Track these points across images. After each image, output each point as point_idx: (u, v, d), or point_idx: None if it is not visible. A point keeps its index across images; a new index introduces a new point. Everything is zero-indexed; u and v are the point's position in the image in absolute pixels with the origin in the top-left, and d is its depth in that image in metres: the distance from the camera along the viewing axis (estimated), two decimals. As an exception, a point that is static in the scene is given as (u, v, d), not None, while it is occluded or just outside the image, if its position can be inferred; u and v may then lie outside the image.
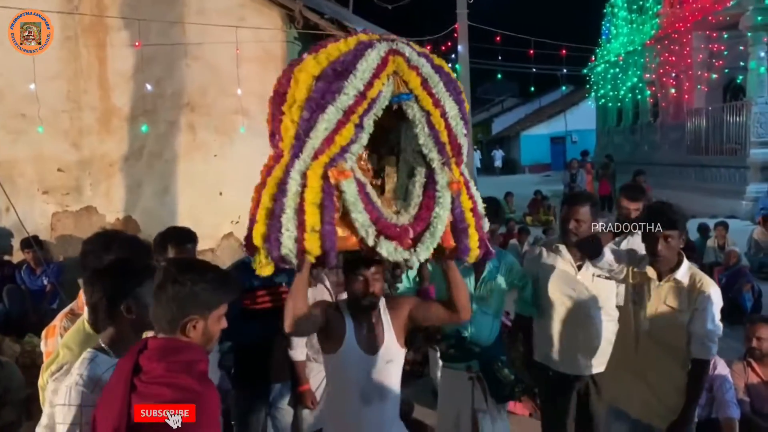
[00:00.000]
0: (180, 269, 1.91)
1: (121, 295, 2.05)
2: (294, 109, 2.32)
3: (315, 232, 2.29)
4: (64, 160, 6.59)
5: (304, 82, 2.31)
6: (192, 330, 1.88)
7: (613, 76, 22.15)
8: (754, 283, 7.63)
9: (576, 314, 3.53)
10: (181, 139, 6.65)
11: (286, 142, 2.36)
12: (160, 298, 1.87)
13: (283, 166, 2.34)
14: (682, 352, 3.04)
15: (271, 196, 2.31)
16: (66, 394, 1.95)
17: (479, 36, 14.25)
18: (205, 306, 1.90)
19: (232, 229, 6.61)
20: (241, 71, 6.37)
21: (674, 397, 3.05)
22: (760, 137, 14.51)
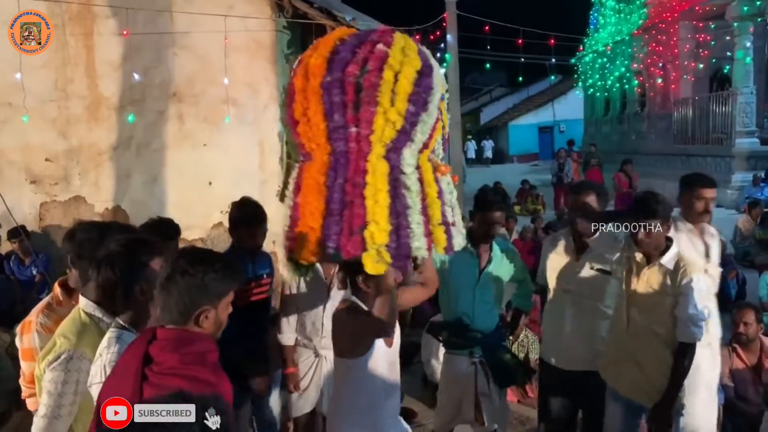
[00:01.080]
0: (189, 260, 1.93)
1: (133, 279, 2.09)
2: (399, 102, 2.28)
3: (440, 225, 2.34)
4: (51, 150, 6.55)
5: (410, 76, 2.30)
6: (205, 320, 1.91)
7: (601, 66, 22.22)
8: (738, 270, 7.74)
9: (574, 307, 3.53)
10: (170, 128, 6.62)
11: (384, 135, 2.30)
12: (170, 290, 1.89)
13: (384, 160, 2.30)
14: (669, 335, 3.11)
15: (388, 193, 2.27)
16: (101, 373, 2.00)
17: (468, 25, 14.24)
18: (215, 295, 1.93)
19: (221, 218, 6.59)
20: (230, 60, 6.34)
21: (661, 378, 3.12)
22: (745, 127, 14.65)
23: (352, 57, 2.32)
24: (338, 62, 2.32)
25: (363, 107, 2.29)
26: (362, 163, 2.30)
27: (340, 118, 2.30)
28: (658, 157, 18.05)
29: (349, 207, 2.27)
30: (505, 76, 41.58)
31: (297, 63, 2.50)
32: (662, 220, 3.07)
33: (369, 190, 2.26)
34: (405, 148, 2.34)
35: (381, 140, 2.31)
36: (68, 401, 2.18)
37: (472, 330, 3.58)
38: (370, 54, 2.33)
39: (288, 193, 2.46)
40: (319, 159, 2.36)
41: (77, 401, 2.20)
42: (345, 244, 2.27)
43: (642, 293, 3.19)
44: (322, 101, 2.31)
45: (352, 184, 2.29)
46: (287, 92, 2.43)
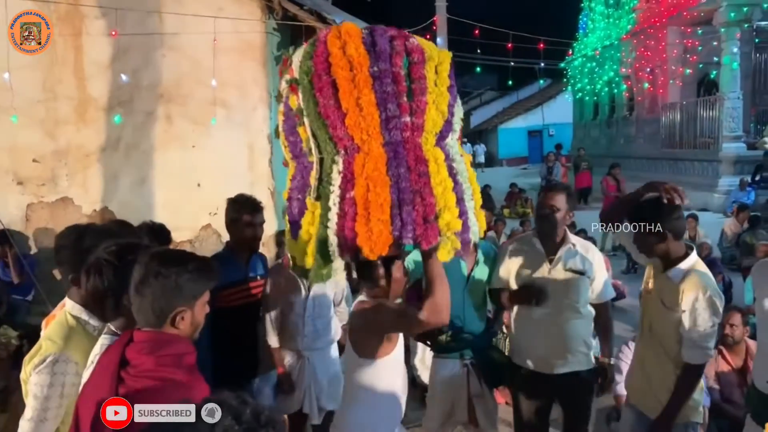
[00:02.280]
0: (162, 262, 1.88)
1: (123, 287, 2.02)
2: (443, 92, 2.40)
3: (480, 210, 2.46)
4: (39, 151, 6.51)
5: (447, 68, 2.43)
6: (181, 321, 1.88)
7: (590, 70, 22.37)
8: (724, 274, 7.80)
9: (546, 310, 3.41)
10: (158, 129, 6.60)
11: (435, 126, 2.38)
12: (143, 293, 1.86)
13: (436, 148, 2.38)
14: (674, 351, 2.95)
15: (448, 178, 2.33)
16: None
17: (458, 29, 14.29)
18: (190, 296, 1.90)
19: (210, 220, 6.58)
20: (219, 62, 6.33)
21: (665, 393, 2.97)
22: (732, 131, 14.78)
23: (392, 49, 2.33)
24: (382, 53, 2.30)
25: (416, 97, 2.31)
26: (420, 152, 2.32)
27: (395, 108, 2.29)
28: (646, 161, 18.17)
29: (418, 196, 2.27)
30: (495, 80, 41.69)
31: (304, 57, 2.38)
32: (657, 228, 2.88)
33: (435, 178, 2.28)
34: (449, 136, 2.45)
35: (432, 130, 2.37)
36: (54, 404, 2.16)
37: (464, 332, 3.58)
38: (406, 46, 2.35)
39: (332, 188, 2.34)
40: (375, 150, 2.30)
41: (63, 404, 2.18)
42: (424, 234, 2.25)
43: (652, 303, 3.07)
44: (374, 90, 2.27)
45: (417, 173, 2.29)
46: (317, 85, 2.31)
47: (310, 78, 2.33)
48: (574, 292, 3.40)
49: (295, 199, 2.57)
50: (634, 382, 3.24)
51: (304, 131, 2.44)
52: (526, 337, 3.50)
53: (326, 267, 2.42)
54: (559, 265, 3.40)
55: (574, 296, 3.41)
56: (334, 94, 2.29)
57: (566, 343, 3.41)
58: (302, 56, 2.39)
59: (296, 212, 2.55)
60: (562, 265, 3.40)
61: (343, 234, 2.29)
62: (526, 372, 3.52)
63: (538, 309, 3.42)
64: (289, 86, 2.44)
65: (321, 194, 2.38)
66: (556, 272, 3.40)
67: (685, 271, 2.92)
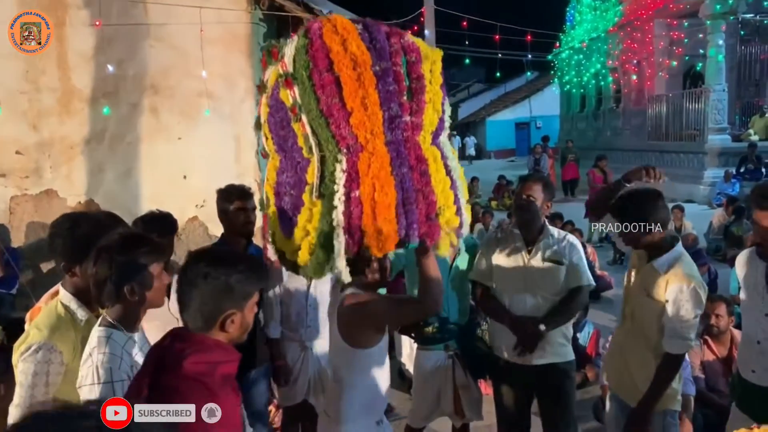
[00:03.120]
0: (210, 263, 1.81)
1: (126, 278, 2.01)
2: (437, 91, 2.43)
3: (468, 203, 2.52)
4: (22, 143, 6.42)
5: (440, 66, 2.47)
6: (231, 325, 1.81)
7: (577, 63, 22.43)
8: (710, 265, 7.87)
9: (522, 299, 3.40)
10: (144, 121, 6.53)
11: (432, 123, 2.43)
12: (191, 296, 1.79)
13: (432, 146, 2.44)
14: (655, 340, 2.98)
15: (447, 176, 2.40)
16: (93, 374, 1.95)
17: (446, 21, 14.26)
18: (241, 297, 1.82)
19: (196, 212, 6.53)
20: (206, 53, 6.27)
21: (645, 382, 2.99)
22: (717, 123, 14.89)
23: (389, 47, 2.33)
24: (383, 51, 2.30)
25: (416, 96, 2.33)
26: (419, 151, 2.37)
27: (397, 108, 2.30)
28: (633, 153, 18.27)
29: (421, 195, 2.32)
30: (482, 72, 41.77)
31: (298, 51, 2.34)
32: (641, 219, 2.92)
33: (435, 177, 2.35)
34: (442, 134, 2.51)
35: (429, 128, 2.42)
36: (40, 392, 2.18)
37: (449, 323, 3.58)
38: (402, 44, 2.37)
39: (337, 187, 2.31)
40: (380, 149, 2.31)
41: (50, 392, 2.20)
42: (428, 232, 2.33)
43: (635, 293, 3.09)
44: (377, 89, 2.27)
45: (419, 172, 2.33)
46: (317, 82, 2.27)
47: (309, 74, 2.29)
48: (551, 282, 3.39)
49: (286, 195, 2.54)
50: (613, 368, 3.27)
51: (301, 128, 2.39)
52: (502, 328, 3.46)
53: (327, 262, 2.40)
54: (538, 255, 3.39)
55: (551, 286, 3.39)
56: (339, 92, 2.26)
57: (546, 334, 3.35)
58: (295, 49, 2.34)
59: (289, 208, 2.52)
60: (541, 255, 3.39)
61: (349, 233, 2.28)
62: (503, 363, 3.50)
63: (514, 299, 3.41)
64: (284, 80, 2.38)
65: (323, 192, 2.35)
66: (535, 261, 3.40)
67: (670, 261, 2.94)
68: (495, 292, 3.52)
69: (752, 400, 2.81)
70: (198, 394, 1.69)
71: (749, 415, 2.78)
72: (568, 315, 3.42)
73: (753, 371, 2.78)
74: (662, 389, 2.96)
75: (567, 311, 3.40)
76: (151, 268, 2.08)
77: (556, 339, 3.41)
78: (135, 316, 2.13)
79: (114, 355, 1.98)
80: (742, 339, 3.02)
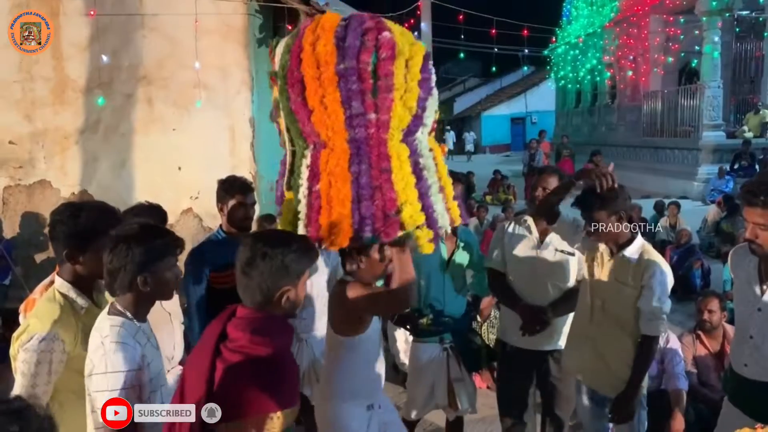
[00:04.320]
0: (267, 243, 1.97)
1: (141, 268, 2.04)
2: (412, 88, 2.38)
3: (454, 200, 2.52)
4: (16, 132, 6.40)
5: (419, 62, 2.41)
6: (286, 300, 1.97)
7: (573, 58, 22.41)
8: (703, 261, 7.90)
9: (533, 289, 3.54)
10: (139, 112, 6.51)
11: (402, 122, 2.39)
12: (251, 274, 1.94)
13: (401, 144, 2.41)
14: (632, 327, 3.11)
15: (413, 175, 2.38)
16: (105, 363, 1.97)
17: (442, 14, 14.24)
18: (295, 275, 1.98)
19: (191, 204, 6.52)
20: (201, 44, 6.24)
21: (624, 368, 3.12)
22: (712, 120, 14.90)
23: (362, 44, 2.35)
24: (350, 50, 2.33)
25: (381, 94, 2.34)
26: (383, 148, 2.38)
27: (359, 106, 2.34)
28: (627, 149, 18.29)
29: (378, 192, 2.34)
30: (478, 67, 41.72)
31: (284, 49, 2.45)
32: (607, 212, 3.03)
33: (397, 174, 2.35)
34: (418, 132, 2.47)
35: (399, 126, 2.40)
36: (42, 381, 2.19)
37: (444, 315, 3.61)
38: (377, 41, 2.36)
39: (301, 181, 2.46)
40: (339, 146, 2.38)
41: (52, 381, 2.21)
42: (384, 228, 2.35)
43: (605, 284, 3.19)
44: (338, 89, 2.33)
45: (378, 169, 2.36)
46: (288, 80, 2.39)
47: (285, 72, 2.41)
48: (560, 272, 3.52)
49: (280, 183, 2.70)
50: (583, 362, 3.32)
51: (280, 123, 2.57)
52: (512, 315, 3.57)
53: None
54: (550, 246, 3.51)
55: (560, 276, 3.53)
56: (303, 91, 2.37)
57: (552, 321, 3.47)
58: (283, 49, 2.46)
59: (279, 195, 2.70)
60: (552, 246, 3.51)
61: (308, 225, 2.41)
62: (511, 348, 3.65)
63: (526, 288, 3.53)
64: (270, 77, 2.55)
65: (292, 186, 2.53)
66: (546, 253, 3.52)
67: (640, 250, 3.12)
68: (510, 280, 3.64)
69: (744, 394, 2.82)
70: (262, 364, 1.86)
71: (741, 410, 2.80)
72: (574, 304, 3.48)
73: (745, 365, 2.79)
74: (645, 371, 3.13)
75: (574, 301, 3.47)
76: (166, 260, 2.12)
77: (562, 327, 3.53)
78: (145, 307, 2.16)
79: (126, 344, 2.00)
80: (735, 334, 3.04)
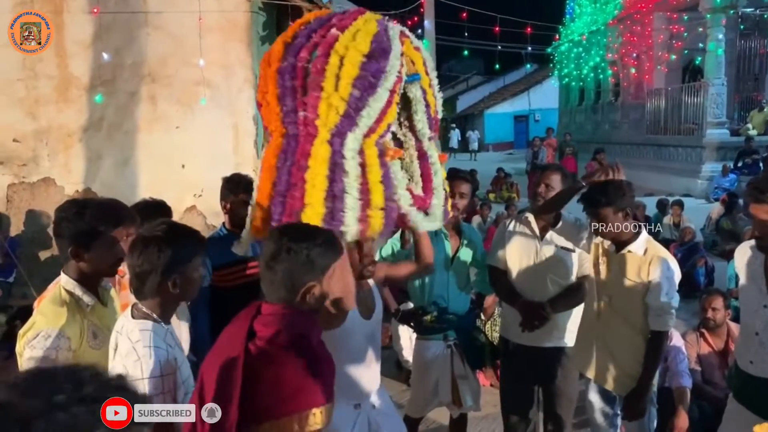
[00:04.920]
0: (292, 237, 1.91)
1: (172, 270, 2.00)
2: (343, 87, 2.31)
3: (380, 210, 2.36)
4: (19, 130, 6.40)
5: (355, 60, 2.32)
6: (311, 296, 1.91)
7: (577, 56, 22.37)
8: (707, 258, 7.89)
9: (534, 285, 3.51)
10: (142, 110, 6.50)
11: (329, 119, 2.34)
12: (275, 269, 1.89)
13: (327, 144, 2.34)
14: (640, 323, 3.10)
15: (326, 177, 2.32)
16: (142, 369, 1.92)
17: (445, 12, 14.22)
18: (320, 270, 1.92)
19: (194, 202, 6.52)
20: (204, 41, 6.24)
21: (634, 365, 3.12)
22: (716, 118, 14.88)
23: (306, 42, 2.39)
24: (294, 47, 2.40)
25: (309, 92, 2.35)
26: (308, 146, 2.37)
27: (291, 103, 2.37)
28: (631, 147, 18.27)
29: (292, 189, 2.34)
30: (481, 64, 41.70)
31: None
32: (614, 208, 3.04)
33: (309, 173, 2.32)
34: (349, 132, 2.38)
35: (326, 125, 2.36)
36: None
37: (448, 313, 3.61)
38: (322, 39, 2.39)
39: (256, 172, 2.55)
40: (275, 141, 2.44)
41: None
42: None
43: (612, 281, 3.18)
44: (278, 85, 2.39)
45: (297, 167, 2.35)
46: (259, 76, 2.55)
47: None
48: (560, 268, 3.49)
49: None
50: (592, 360, 3.31)
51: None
52: (513, 312, 3.55)
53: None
54: (550, 242, 3.50)
55: (560, 272, 3.49)
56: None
57: (552, 317, 3.43)
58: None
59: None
60: (553, 243, 3.49)
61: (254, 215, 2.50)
62: (512, 345, 3.63)
63: (526, 285, 3.51)
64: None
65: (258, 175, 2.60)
66: (546, 249, 3.50)
67: (645, 245, 3.12)
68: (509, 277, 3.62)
69: (750, 391, 2.82)
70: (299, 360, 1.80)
71: (746, 407, 2.80)
72: (574, 301, 3.48)
73: (751, 362, 2.79)
74: (656, 368, 3.13)
75: (573, 297, 3.46)
76: (195, 260, 2.08)
77: (564, 324, 3.52)
78: (171, 308, 2.13)
79: (159, 349, 1.96)
80: (741, 330, 3.03)
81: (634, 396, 3.10)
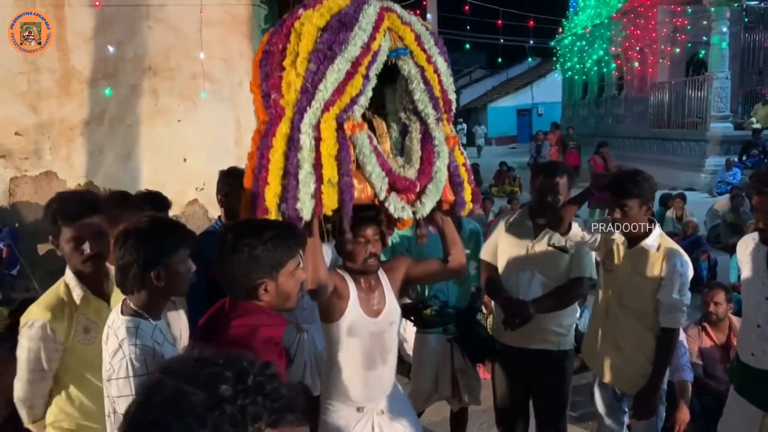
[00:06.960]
0: (236, 235, 1.89)
1: (153, 262, 1.93)
2: (299, 62, 2.26)
3: (333, 185, 2.27)
4: (21, 124, 6.40)
5: (310, 34, 2.27)
6: (264, 293, 1.88)
7: (580, 49, 22.28)
8: (710, 252, 7.87)
9: (520, 283, 3.40)
10: (144, 103, 6.50)
11: (289, 97, 2.29)
12: (225, 268, 1.89)
13: (289, 122, 2.29)
14: (651, 320, 3.04)
15: (283, 154, 2.27)
16: (126, 368, 1.86)
17: (448, 5, 14.18)
18: (270, 267, 1.88)
19: (196, 195, 6.52)
20: (205, 35, 6.23)
21: (644, 362, 3.06)
22: (720, 111, 14.82)
23: (279, 27, 2.40)
24: (274, 32, 2.41)
25: (274, 74, 2.34)
26: (276, 128, 2.33)
27: (266, 87, 2.38)
28: (634, 141, 18.22)
29: (262, 171, 2.32)
30: (484, 58, 41.53)
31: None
32: (640, 201, 2.97)
33: (272, 152, 2.29)
34: (308, 107, 2.29)
35: (289, 104, 2.31)
36: (37, 367, 2.24)
37: (449, 306, 3.58)
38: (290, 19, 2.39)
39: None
40: (258, 126, 2.46)
41: (49, 368, 2.26)
42: (259, 209, 2.31)
43: (623, 277, 3.13)
44: (259, 74, 2.42)
45: (266, 148, 2.32)
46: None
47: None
48: (553, 268, 3.36)
49: None
50: (602, 359, 3.26)
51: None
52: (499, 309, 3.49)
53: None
54: (543, 241, 3.38)
55: (553, 272, 3.36)
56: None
57: (538, 319, 3.29)
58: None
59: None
60: (546, 241, 3.37)
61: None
62: (501, 346, 3.54)
63: (512, 282, 3.42)
64: None
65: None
66: (538, 246, 3.38)
67: (658, 240, 3.07)
68: (500, 273, 3.52)
69: (751, 383, 2.82)
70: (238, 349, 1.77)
71: (748, 399, 2.80)
72: (560, 302, 3.34)
73: (753, 354, 2.79)
74: (666, 365, 3.07)
75: (560, 298, 3.33)
76: (179, 253, 2.00)
77: (549, 326, 3.38)
78: (160, 304, 2.05)
79: (146, 346, 1.90)
80: (743, 323, 3.03)
81: (644, 394, 3.04)
